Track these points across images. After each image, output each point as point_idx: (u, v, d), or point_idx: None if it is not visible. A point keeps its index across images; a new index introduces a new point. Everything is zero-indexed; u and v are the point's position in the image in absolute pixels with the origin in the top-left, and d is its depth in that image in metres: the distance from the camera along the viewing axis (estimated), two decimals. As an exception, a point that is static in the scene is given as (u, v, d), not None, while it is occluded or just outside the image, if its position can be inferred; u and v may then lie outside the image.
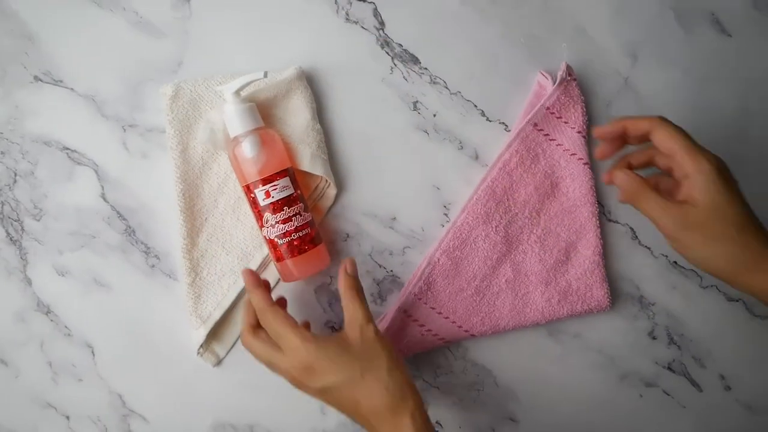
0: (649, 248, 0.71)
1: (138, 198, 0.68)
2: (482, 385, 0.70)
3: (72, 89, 0.67)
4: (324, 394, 0.55)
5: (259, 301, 0.58)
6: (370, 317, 0.57)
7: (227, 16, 0.68)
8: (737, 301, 0.71)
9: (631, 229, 0.70)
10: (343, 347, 0.55)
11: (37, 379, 0.68)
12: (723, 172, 0.51)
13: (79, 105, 0.67)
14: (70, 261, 0.68)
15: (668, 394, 0.72)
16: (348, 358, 0.54)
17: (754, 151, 0.70)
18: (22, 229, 0.68)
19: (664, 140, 0.53)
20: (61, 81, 0.67)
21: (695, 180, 0.51)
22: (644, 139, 0.56)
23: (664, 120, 0.54)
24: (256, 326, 0.59)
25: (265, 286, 0.60)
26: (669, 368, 0.72)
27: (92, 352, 0.68)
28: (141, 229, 0.68)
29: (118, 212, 0.68)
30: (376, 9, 0.68)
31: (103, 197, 0.68)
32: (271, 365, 0.57)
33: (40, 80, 0.67)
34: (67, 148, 0.68)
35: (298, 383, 0.56)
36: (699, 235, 0.51)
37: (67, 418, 0.69)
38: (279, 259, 0.63)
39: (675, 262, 0.71)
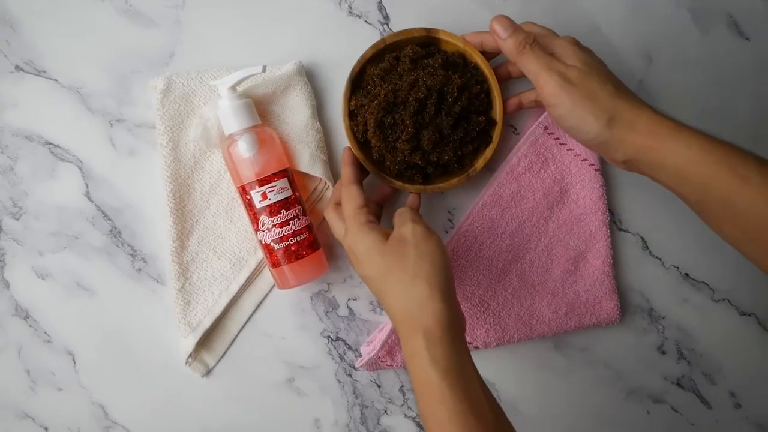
0: (660, 259, 0.68)
1: (124, 197, 0.64)
2: (484, 399, 0.68)
3: (56, 80, 0.64)
4: (365, 281, 0.54)
5: (344, 176, 0.58)
6: (416, 217, 0.53)
7: (223, 7, 0.64)
8: (750, 315, 0.69)
9: (642, 238, 0.68)
10: (381, 240, 0.51)
11: (14, 387, 0.65)
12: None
13: (63, 97, 0.64)
14: (51, 263, 0.64)
15: (676, 411, 0.69)
16: (379, 252, 0.51)
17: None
18: (0, 229, 0.64)
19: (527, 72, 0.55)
20: (44, 71, 0.63)
21: (566, 49, 0.54)
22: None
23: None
24: (340, 203, 0.58)
25: (357, 165, 0.60)
26: (678, 384, 0.69)
27: (73, 360, 0.65)
28: (127, 230, 0.64)
29: (103, 212, 0.64)
30: (380, 2, 0.65)
31: (88, 196, 0.64)
32: (341, 243, 0.56)
33: (22, 70, 0.63)
34: (50, 143, 0.64)
35: (353, 266, 0.55)
36: (577, 92, 0.52)
37: (46, 429, 0.65)
38: (275, 264, 0.60)
39: (686, 274, 0.68)
